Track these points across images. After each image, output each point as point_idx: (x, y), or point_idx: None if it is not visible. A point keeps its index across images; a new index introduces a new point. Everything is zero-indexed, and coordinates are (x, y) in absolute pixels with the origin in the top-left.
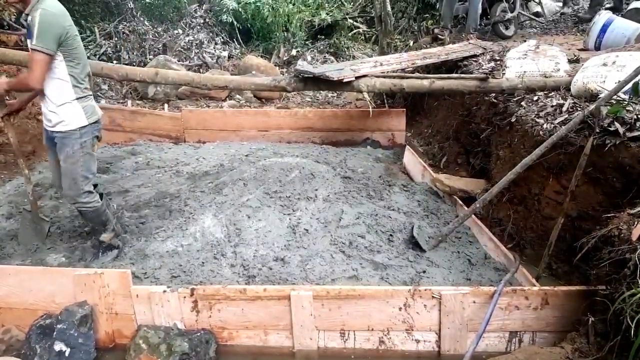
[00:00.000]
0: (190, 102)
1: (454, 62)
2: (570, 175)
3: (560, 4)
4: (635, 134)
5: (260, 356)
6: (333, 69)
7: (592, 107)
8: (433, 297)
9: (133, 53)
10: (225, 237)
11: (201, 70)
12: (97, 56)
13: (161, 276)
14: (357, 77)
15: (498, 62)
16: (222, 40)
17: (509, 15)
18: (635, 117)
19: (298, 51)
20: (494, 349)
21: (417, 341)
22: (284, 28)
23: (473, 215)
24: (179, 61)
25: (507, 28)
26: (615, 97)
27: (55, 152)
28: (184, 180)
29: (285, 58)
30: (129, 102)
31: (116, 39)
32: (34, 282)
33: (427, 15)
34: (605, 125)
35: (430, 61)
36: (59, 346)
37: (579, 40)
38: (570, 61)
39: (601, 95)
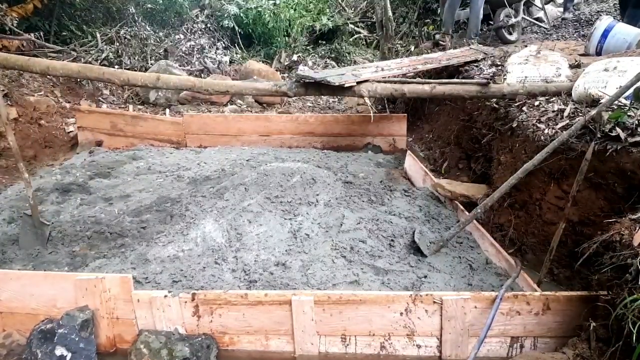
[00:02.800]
0: (191, 107)
1: (455, 67)
2: (572, 180)
3: (562, 10)
4: (637, 139)
5: None
6: (334, 74)
7: (593, 112)
8: (434, 302)
9: (134, 58)
10: (227, 242)
11: (202, 75)
12: (99, 61)
13: (162, 281)
14: (359, 82)
15: (499, 67)
16: (223, 45)
17: (513, 20)
18: (636, 122)
19: (299, 56)
20: (496, 355)
21: (419, 346)
22: (285, 33)
23: (474, 221)
24: (180, 66)
25: (510, 33)
26: (616, 102)
27: None
28: (185, 185)
29: (286, 63)
30: (131, 107)
31: (118, 44)
32: (35, 286)
33: (428, 20)
34: (607, 130)
35: (431, 66)
36: (60, 351)
37: (580, 46)
38: (571, 66)
39: (602, 101)
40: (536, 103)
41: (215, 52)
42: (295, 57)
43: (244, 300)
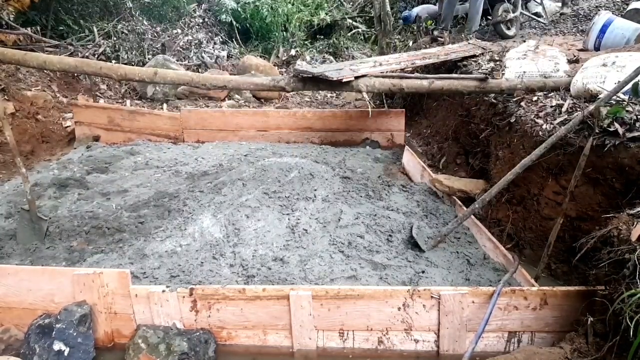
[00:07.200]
0: (189, 102)
1: (454, 62)
2: (570, 175)
3: (559, 4)
4: (635, 134)
5: (259, 356)
6: (332, 69)
7: (591, 107)
8: (432, 297)
9: (132, 53)
10: (224, 237)
11: (200, 70)
12: (96, 56)
13: (160, 276)
14: (357, 77)
15: (497, 63)
16: (221, 40)
17: (511, 15)
18: (634, 117)
19: (297, 51)
20: (493, 349)
21: (416, 341)
22: (283, 28)
23: (472, 216)
24: (177, 61)
25: (508, 28)
26: (614, 97)
27: None
28: (182, 180)
29: (284, 58)
30: (128, 101)
31: (115, 38)
32: (33, 281)
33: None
34: (605, 125)
35: (429, 61)
36: (58, 346)
37: (579, 41)
38: (569, 61)
39: (601, 96)
40: (534, 98)
41: (213, 47)
42: (293, 52)
43: (242, 295)
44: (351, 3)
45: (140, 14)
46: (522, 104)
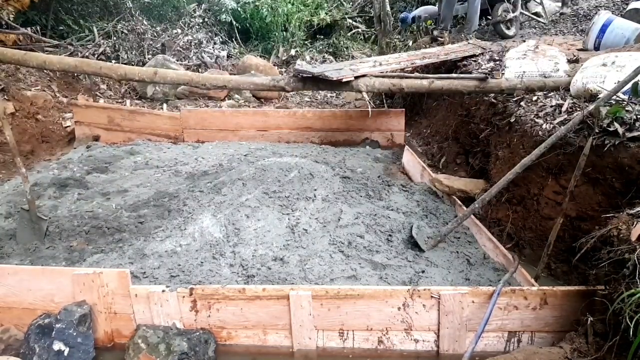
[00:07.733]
0: (189, 102)
1: (453, 62)
2: (570, 175)
3: (559, 4)
4: (635, 134)
5: (259, 356)
6: (332, 69)
7: (591, 107)
8: (432, 297)
9: (132, 52)
10: (224, 237)
11: (200, 70)
12: (96, 56)
13: (160, 276)
14: (356, 77)
15: (497, 62)
16: (221, 40)
17: (511, 15)
18: (634, 117)
19: (297, 51)
20: (493, 349)
21: (416, 341)
22: (283, 28)
23: (472, 216)
24: (177, 61)
25: (508, 28)
26: (614, 97)
27: None
28: (182, 180)
29: (284, 58)
30: (128, 101)
31: (115, 38)
32: (32, 281)
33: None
34: (605, 125)
35: (429, 61)
36: (57, 345)
37: (579, 41)
38: (569, 61)
39: (600, 96)
40: (534, 98)
41: (213, 47)
42: (293, 52)
43: (242, 295)
44: (351, 3)
45: (140, 14)
46: (522, 103)
